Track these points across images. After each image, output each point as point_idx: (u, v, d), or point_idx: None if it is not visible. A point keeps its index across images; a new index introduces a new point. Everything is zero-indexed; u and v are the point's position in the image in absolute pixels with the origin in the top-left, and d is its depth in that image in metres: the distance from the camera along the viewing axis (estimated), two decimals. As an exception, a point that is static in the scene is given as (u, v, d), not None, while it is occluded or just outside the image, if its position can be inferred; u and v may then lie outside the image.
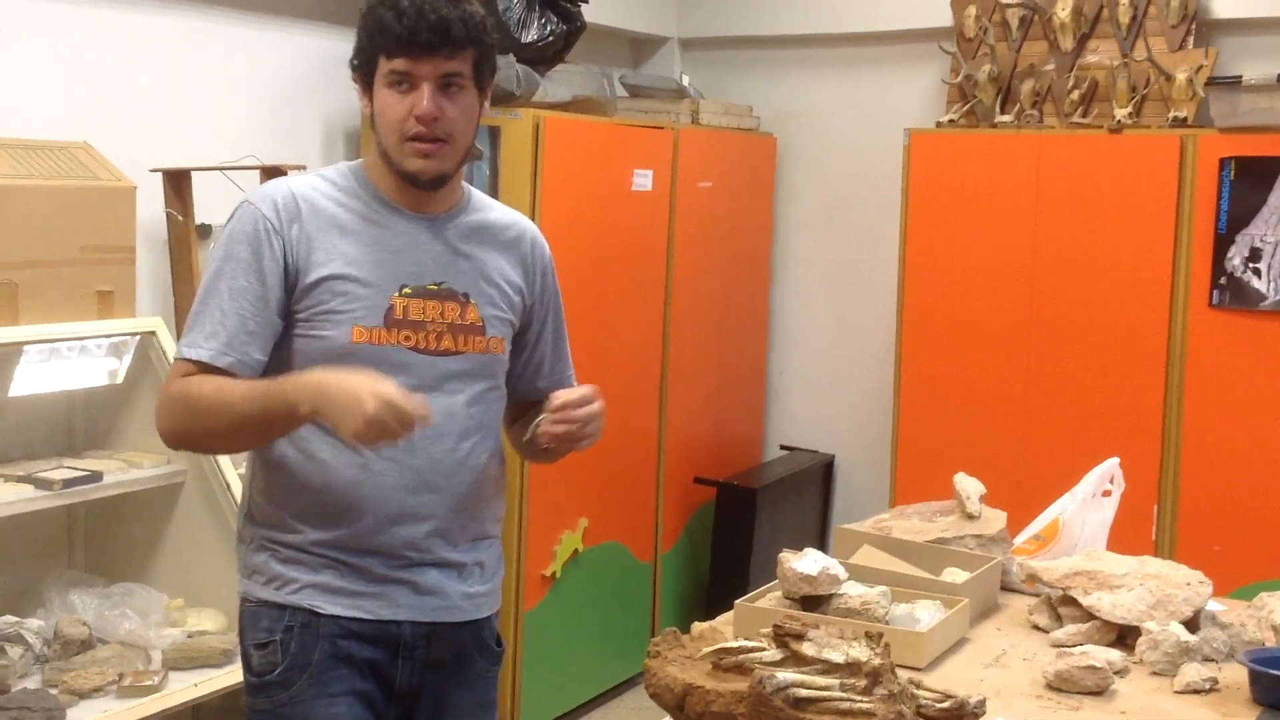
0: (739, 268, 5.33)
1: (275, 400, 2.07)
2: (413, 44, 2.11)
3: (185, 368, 2.14)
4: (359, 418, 1.97)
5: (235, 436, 2.18)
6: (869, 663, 2.03)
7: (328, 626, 2.18)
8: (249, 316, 2.13)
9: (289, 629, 2.18)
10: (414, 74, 2.13)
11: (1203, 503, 4.29)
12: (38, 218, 3.20)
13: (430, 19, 2.10)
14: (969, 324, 4.65)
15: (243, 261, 2.15)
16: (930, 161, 4.71)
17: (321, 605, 2.18)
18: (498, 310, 2.28)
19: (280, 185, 2.23)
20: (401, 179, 2.20)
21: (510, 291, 2.31)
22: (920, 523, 2.95)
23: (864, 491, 5.37)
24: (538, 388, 2.41)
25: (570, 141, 4.30)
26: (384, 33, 2.12)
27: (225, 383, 2.12)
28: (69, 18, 3.62)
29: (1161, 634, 2.37)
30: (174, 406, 2.15)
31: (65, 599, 3.34)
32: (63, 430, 3.58)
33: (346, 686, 2.18)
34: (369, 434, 1.98)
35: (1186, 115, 4.39)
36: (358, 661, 2.19)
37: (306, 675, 2.17)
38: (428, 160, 2.16)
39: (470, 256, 2.27)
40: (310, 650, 2.17)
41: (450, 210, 2.28)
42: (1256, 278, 4.17)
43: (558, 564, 4.40)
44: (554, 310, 2.45)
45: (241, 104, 4.09)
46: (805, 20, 5.38)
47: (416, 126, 2.14)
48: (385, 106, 2.16)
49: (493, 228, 2.33)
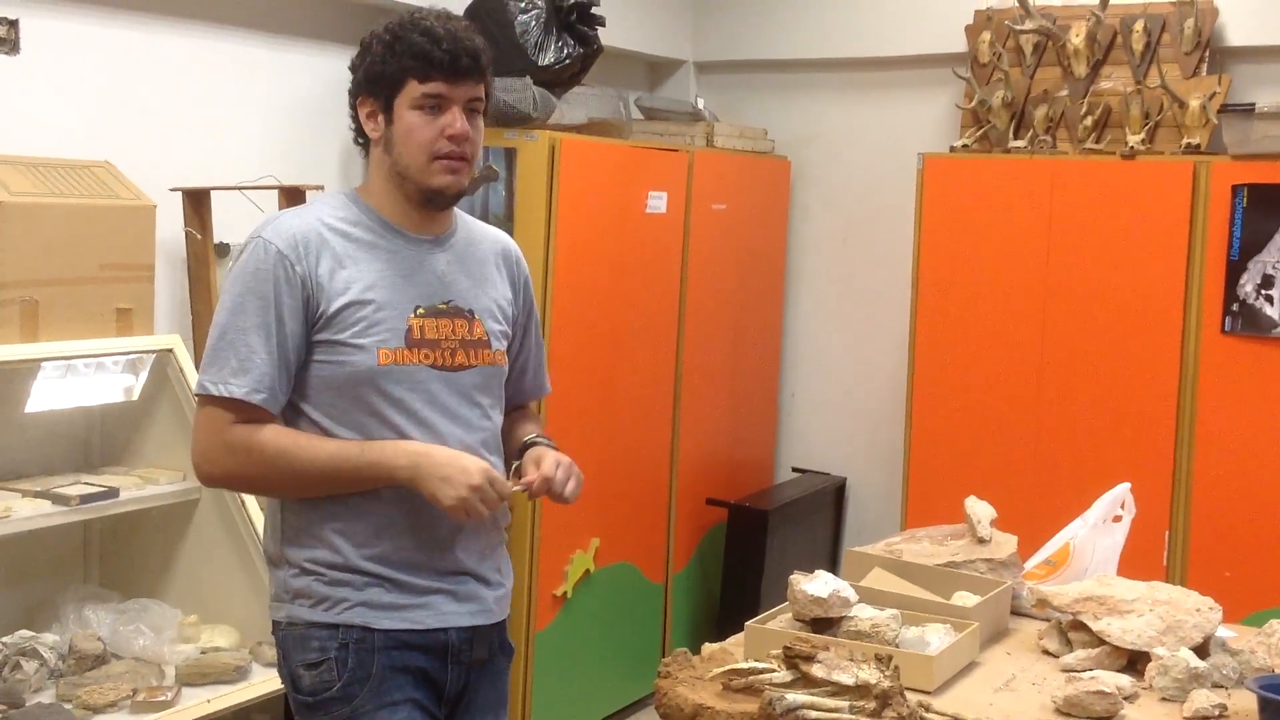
0: (752, 290, 5.35)
1: (371, 463, 2.20)
2: (452, 69, 2.24)
3: (217, 412, 2.20)
4: (463, 488, 2.15)
5: (305, 488, 2.25)
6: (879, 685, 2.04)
7: (381, 640, 2.25)
8: (274, 353, 2.20)
9: (344, 645, 2.25)
10: (449, 97, 2.25)
11: (1213, 529, 4.28)
12: (59, 236, 3.24)
13: (466, 45, 2.25)
14: (981, 348, 4.66)
15: (263, 298, 2.20)
16: (944, 186, 4.73)
17: (374, 621, 2.25)
18: (498, 324, 2.40)
19: (290, 219, 2.29)
20: (417, 199, 2.30)
21: (505, 305, 2.44)
22: (931, 546, 2.95)
23: (875, 514, 5.37)
24: (522, 391, 2.56)
25: (585, 163, 4.33)
26: (419, 56, 2.23)
27: (303, 438, 2.22)
28: (92, 39, 3.66)
29: (1171, 660, 2.37)
30: (236, 455, 2.20)
31: (80, 614, 3.36)
32: (80, 446, 3.61)
33: (405, 695, 2.26)
34: (468, 504, 2.16)
35: (1199, 142, 4.39)
36: (412, 670, 2.28)
37: (368, 688, 2.24)
38: (455, 177, 2.28)
39: (470, 274, 2.38)
40: (368, 664, 2.24)
41: (447, 231, 2.38)
42: (1269, 304, 4.17)
43: (569, 584, 4.41)
44: (534, 319, 2.57)
45: (260, 124, 4.13)
46: (820, 44, 5.41)
47: (449, 146, 2.25)
48: (413, 128, 2.25)
49: (480, 245, 2.44)
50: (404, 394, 2.24)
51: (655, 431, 4.83)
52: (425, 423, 2.25)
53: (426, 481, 2.18)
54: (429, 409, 2.26)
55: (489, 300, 2.39)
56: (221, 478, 2.28)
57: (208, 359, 2.23)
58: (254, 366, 2.19)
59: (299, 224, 2.26)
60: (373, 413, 2.24)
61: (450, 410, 2.29)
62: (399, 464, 2.19)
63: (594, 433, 4.42)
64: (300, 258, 2.22)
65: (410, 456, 2.19)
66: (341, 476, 2.20)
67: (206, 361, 2.23)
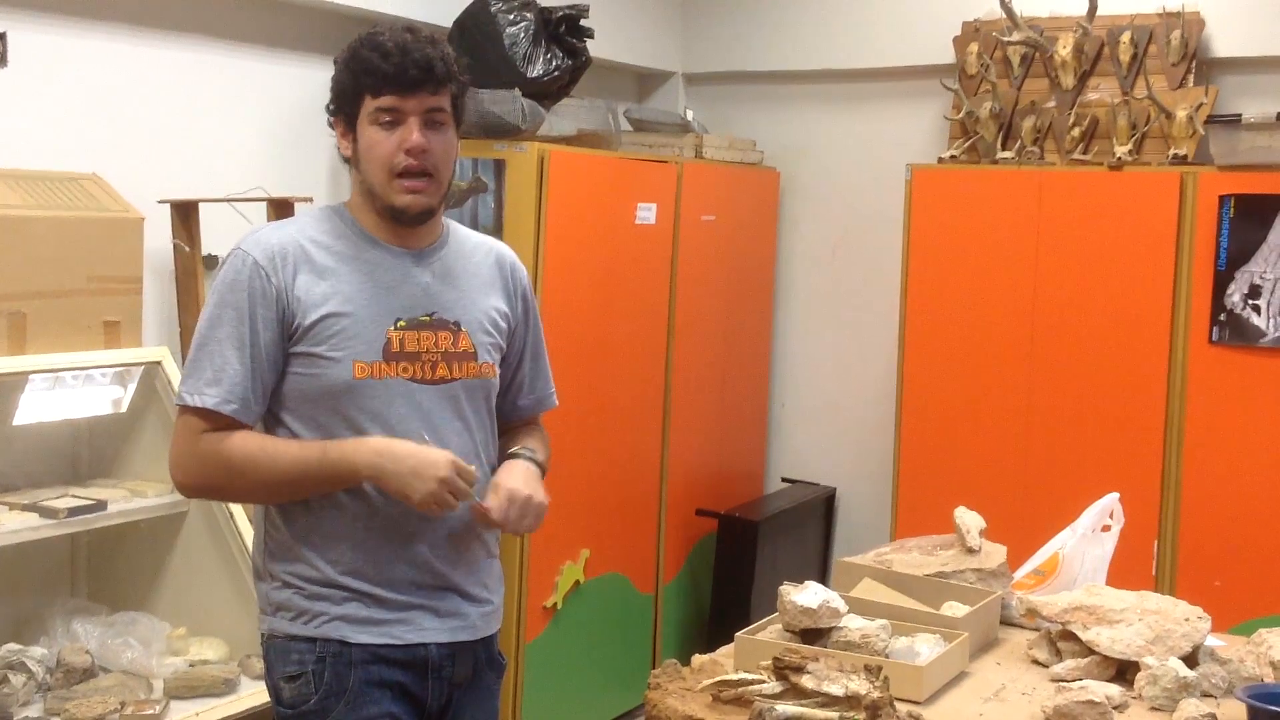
0: (741, 301, 5.36)
1: (334, 463, 2.18)
2: (400, 81, 2.22)
3: (192, 421, 2.22)
4: (431, 481, 2.13)
5: (275, 493, 2.26)
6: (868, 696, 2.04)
7: (359, 654, 2.24)
8: (247, 364, 2.21)
9: (321, 659, 2.24)
10: (402, 109, 2.23)
11: (1202, 538, 4.29)
12: (46, 248, 3.23)
13: (415, 56, 2.22)
14: (970, 358, 4.67)
15: (238, 309, 2.22)
16: (932, 197, 4.74)
17: (351, 635, 2.24)
18: (487, 336, 2.37)
19: (270, 232, 2.31)
20: (387, 215, 2.29)
21: (497, 317, 2.41)
22: (920, 556, 2.96)
23: (865, 524, 5.38)
24: (520, 405, 2.52)
25: (574, 175, 4.33)
26: (370, 72, 2.22)
27: (269, 442, 2.22)
28: (80, 51, 3.65)
29: (1160, 669, 2.38)
30: (205, 464, 2.22)
31: (68, 627, 3.34)
32: (68, 459, 3.59)
33: (381, 709, 2.25)
34: (437, 496, 2.14)
35: (1187, 153, 4.41)
36: (390, 685, 2.26)
37: (343, 702, 2.23)
38: (416, 196, 2.26)
39: (457, 287, 2.36)
40: (345, 678, 2.23)
41: (434, 243, 2.37)
42: (1256, 314, 4.18)
43: (559, 595, 4.41)
44: (534, 329, 2.53)
45: (249, 136, 4.13)
46: (809, 56, 5.42)
47: (406, 160, 2.24)
48: (372, 144, 2.25)
49: (473, 256, 2.42)
50: (380, 407, 2.24)
51: (645, 442, 4.82)
52: (403, 436, 2.23)
53: (392, 478, 2.16)
54: (407, 423, 2.25)
55: (478, 312, 2.37)
56: (194, 487, 2.30)
57: (186, 369, 2.26)
58: (227, 378, 2.20)
59: (279, 236, 2.28)
60: (349, 425, 2.23)
61: (430, 424, 2.27)
62: (361, 461, 2.17)
63: (583, 444, 4.42)
64: (276, 269, 2.23)
65: (372, 454, 2.17)
66: (308, 478, 2.20)
67: (185, 371, 2.26)
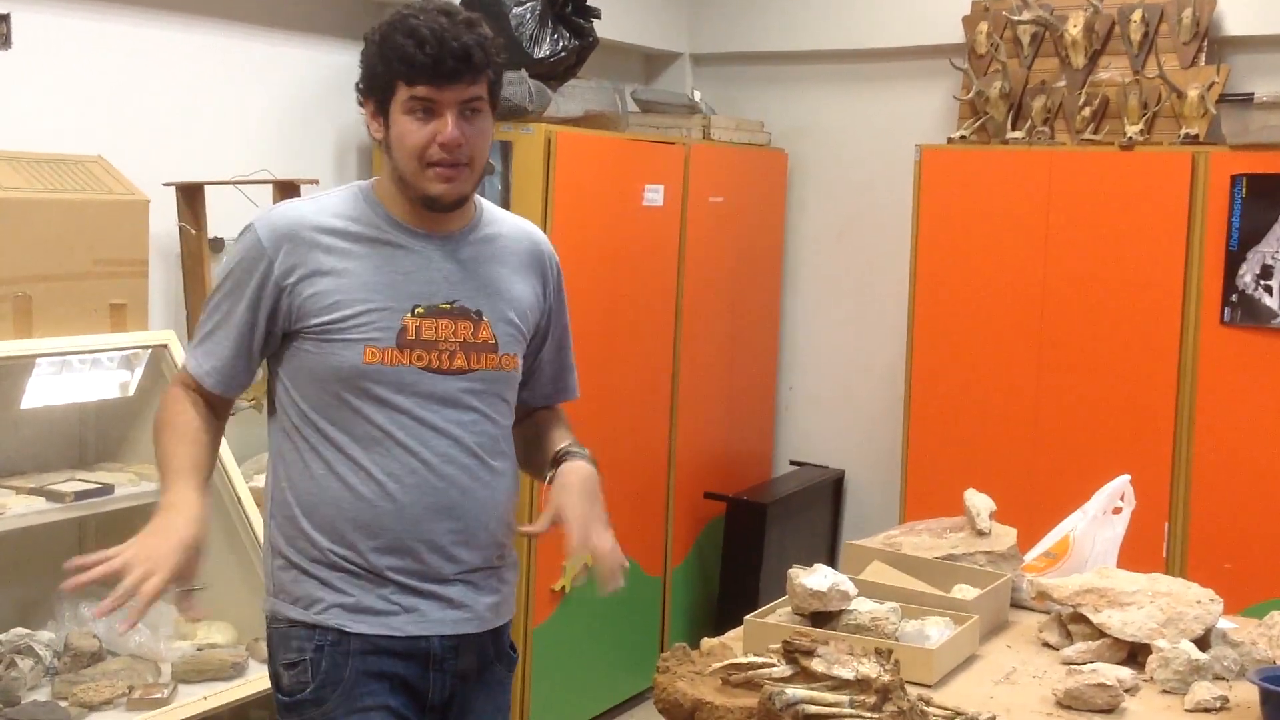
0: (749, 283, 5.34)
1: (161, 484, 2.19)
2: (437, 72, 2.10)
3: (183, 375, 2.30)
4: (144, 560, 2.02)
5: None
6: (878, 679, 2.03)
7: (357, 644, 2.19)
8: (234, 339, 2.22)
9: (319, 648, 2.20)
10: (438, 101, 2.13)
11: (1214, 520, 4.28)
12: (52, 231, 3.22)
13: (452, 46, 2.10)
14: (980, 340, 4.65)
15: (238, 284, 2.21)
16: (941, 177, 4.72)
17: (349, 624, 2.19)
18: (510, 327, 2.29)
19: (287, 209, 2.25)
20: (417, 203, 2.20)
21: (525, 307, 2.32)
22: (930, 539, 2.95)
23: (874, 507, 5.36)
24: (541, 394, 2.46)
25: (582, 156, 4.31)
26: (404, 60, 2.11)
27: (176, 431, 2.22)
28: (85, 33, 3.64)
29: (1172, 652, 2.36)
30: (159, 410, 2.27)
31: (76, 611, 3.34)
32: (74, 443, 3.59)
33: (378, 701, 2.20)
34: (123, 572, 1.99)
35: (1198, 132, 4.38)
36: (389, 677, 2.21)
37: (338, 693, 2.19)
38: (450, 184, 2.17)
39: (483, 274, 2.27)
40: (341, 668, 2.19)
41: (464, 228, 2.28)
42: (1268, 295, 4.16)
43: (567, 579, 4.40)
44: (560, 319, 2.46)
45: (254, 118, 4.11)
46: (817, 36, 5.40)
47: (440, 153, 2.14)
48: (405, 133, 2.15)
49: (506, 242, 2.33)
50: (389, 395, 2.17)
51: (653, 425, 4.81)
52: (410, 427, 2.18)
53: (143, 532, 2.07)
54: (416, 412, 2.18)
55: (504, 301, 2.28)
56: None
57: (198, 329, 2.29)
58: (215, 349, 2.23)
59: (293, 216, 2.22)
60: (354, 410, 2.17)
61: (442, 414, 2.20)
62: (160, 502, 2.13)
63: (591, 427, 4.37)
64: (279, 249, 2.17)
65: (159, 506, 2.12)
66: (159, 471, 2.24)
67: (197, 332, 2.29)
